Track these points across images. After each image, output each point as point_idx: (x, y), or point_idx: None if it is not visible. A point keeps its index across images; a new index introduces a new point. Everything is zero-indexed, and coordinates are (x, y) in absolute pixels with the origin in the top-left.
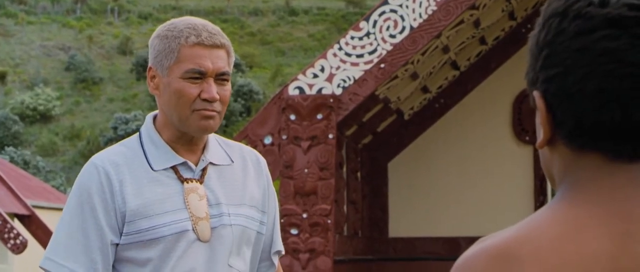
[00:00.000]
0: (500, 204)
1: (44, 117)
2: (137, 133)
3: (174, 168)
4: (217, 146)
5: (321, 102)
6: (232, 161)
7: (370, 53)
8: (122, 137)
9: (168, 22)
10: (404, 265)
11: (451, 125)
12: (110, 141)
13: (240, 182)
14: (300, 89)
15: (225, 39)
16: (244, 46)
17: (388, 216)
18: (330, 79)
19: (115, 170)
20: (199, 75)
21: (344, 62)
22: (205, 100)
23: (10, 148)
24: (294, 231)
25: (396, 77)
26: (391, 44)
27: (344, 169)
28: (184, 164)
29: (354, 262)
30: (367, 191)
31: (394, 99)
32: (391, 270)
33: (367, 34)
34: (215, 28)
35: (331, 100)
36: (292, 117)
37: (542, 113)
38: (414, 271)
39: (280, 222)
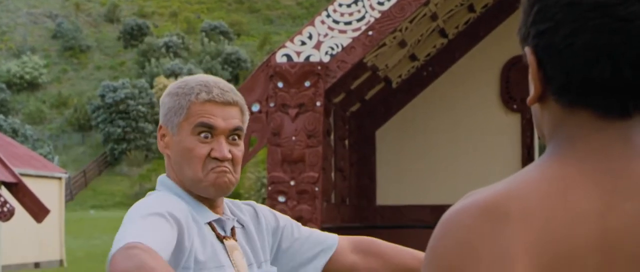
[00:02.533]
0: (487, 172)
1: (31, 85)
2: (156, 192)
3: (210, 224)
4: (230, 205)
5: (309, 69)
6: (242, 224)
7: (359, 20)
8: (110, 106)
9: (180, 80)
10: (392, 233)
11: (439, 93)
12: (97, 109)
13: (256, 241)
14: (288, 56)
15: (238, 97)
16: (232, 14)
17: (376, 184)
18: (318, 46)
19: (184, 216)
20: (209, 131)
21: (332, 29)
22: (215, 159)
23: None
24: (281, 199)
25: (384, 44)
26: (379, 12)
27: (332, 136)
28: (218, 220)
29: (341, 230)
30: (354, 158)
31: (382, 66)
32: (379, 237)
33: (355, 2)
34: (227, 85)
35: (319, 67)
36: (280, 84)
37: (533, 69)
38: (402, 239)
39: (268, 190)
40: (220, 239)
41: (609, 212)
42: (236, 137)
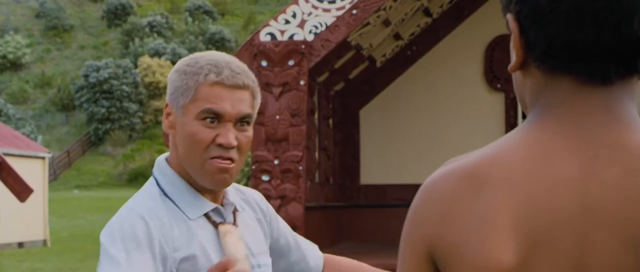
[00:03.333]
0: (471, 151)
1: (15, 65)
2: (152, 181)
3: (206, 215)
4: (232, 190)
5: (293, 48)
6: (244, 207)
7: None
8: (94, 85)
9: (190, 56)
10: (375, 212)
11: (423, 73)
12: (80, 89)
13: (255, 229)
14: (272, 35)
15: (250, 80)
16: None
17: (359, 163)
18: (302, 25)
19: (160, 222)
20: (216, 117)
21: (315, 8)
22: (220, 145)
23: None
24: (265, 178)
25: (368, 23)
26: None
27: (316, 115)
28: (215, 209)
29: (325, 209)
30: (338, 137)
31: (366, 45)
32: (362, 216)
33: None
34: (240, 66)
35: (303, 46)
36: (264, 63)
37: (515, 35)
38: (385, 218)
39: (252, 169)
40: (215, 226)
41: (589, 179)
42: (245, 123)
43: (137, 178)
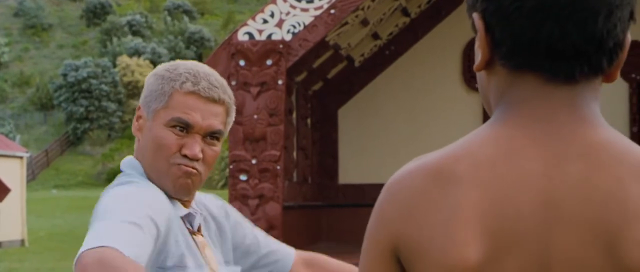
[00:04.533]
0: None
1: None
2: (126, 178)
3: (182, 219)
4: (197, 198)
5: (271, 47)
6: (207, 219)
7: None
8: (72, 84)
9: (171, 62)
10: (354, 211)
11: (401, 72)
12: (59, 88)
13: (218, 238)
14: (250, 34)
15: (227, 96)
16: None
17: (338, 162)
18: (280, 24)
19: (166, 216)
20: (185, 128)
21: (294, 7)
22: (185, 156)
23: None
24: (243, 177)
25: (346, 23)
26: None
27: (294, 115)
28: (187, 215)
29: (303, 208)
30: (317, 137)
31: (344, 45)
32: (340, 216)
33: None
34: (219, 80)
35: (281, 46)
36: (242, 62)
37: (481, 34)
38: (364, 217)
39: (230, 169)
40: (191, 234)
41: (553, 175)
42: (214, 138)
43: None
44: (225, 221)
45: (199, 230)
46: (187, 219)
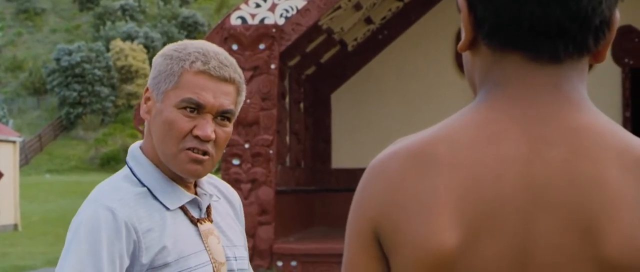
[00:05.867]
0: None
1: None
2: (125, 169)
3: (182, 207)
4: (206, 180)
5: (263, 32)
6: (219, 196)
7: None
8: (66, 69)
9: (179, 42)
10: (347, 195)
11: (394, 57)
12: (52, 73)
13: (232, 220)
14: (243, 18)
15: (237, 74)
16: None
17: (331, 147)
18: (273, 8)
19: (133, 214)
20: (196, 108)
21: None
22: (197, 137)
23: None
24: (235, 161)
25: (339, 7)
26: None
27: (287, 99)
28: (193, 201)
29: (296, 193)
30: (309, 121)
31: (337, 29)
32: (333, 200)
33: None
34: (229, 59)
35: (274, 30)
36: (234, 47)
37: (464, 12)
38: None
39: (222, 153)
40: (194, 222)
41: (535, 159)
42: (225, 119)
43: (109, 162)
44: (239, 215)
45: (208, 213)
46: (192, 204)
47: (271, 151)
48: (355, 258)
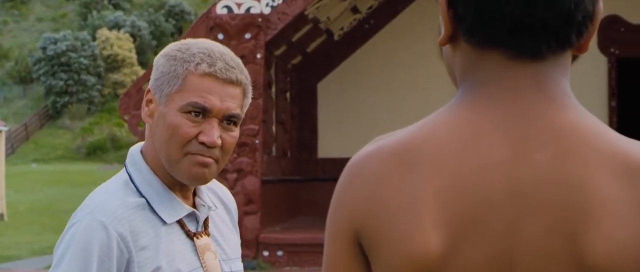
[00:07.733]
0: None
1: None
2: (124, 174)
3: (179, 220)
4: (204, 187)
5: (249, 21)
6: (216, 205)
7: None
8: (52, 58)
9: (181, 42)
10: (333, 185)
11: (381, 46)
12: (38, 62)
13: (229, 231)
14: (229, 8)
15: (243, 76)
16: None
17: (317, 137)
18: None
19: (126, 231)
20: (201, 112)
21: None
22: (202, 144)
23: None
24: None
25: None
26: None
27: (273, 89)
28: (190, 214)
29: (282, 183)
30: (296, 111)
31: (323, 19)
32: (320, 190)
33: None
34: (235, 60)
35: (260, 19)
36: (220, 36)
37: (443, 7)
38: None
39: None
40: (190, 236)
41: (519, 162)
42: (232, 123)
43: (96, 151)
44: (235, 222)
45: (206, 225)
46: (189, 218)
47: (257, 141)
48: (336, 259)
